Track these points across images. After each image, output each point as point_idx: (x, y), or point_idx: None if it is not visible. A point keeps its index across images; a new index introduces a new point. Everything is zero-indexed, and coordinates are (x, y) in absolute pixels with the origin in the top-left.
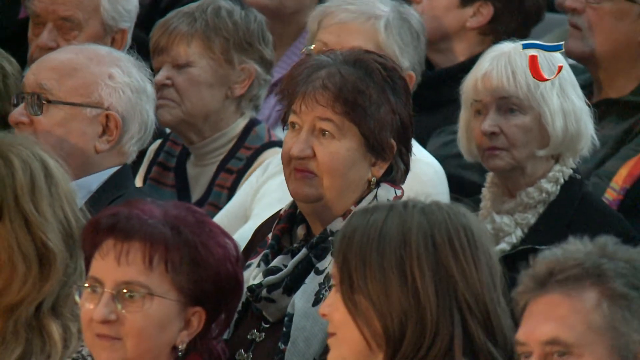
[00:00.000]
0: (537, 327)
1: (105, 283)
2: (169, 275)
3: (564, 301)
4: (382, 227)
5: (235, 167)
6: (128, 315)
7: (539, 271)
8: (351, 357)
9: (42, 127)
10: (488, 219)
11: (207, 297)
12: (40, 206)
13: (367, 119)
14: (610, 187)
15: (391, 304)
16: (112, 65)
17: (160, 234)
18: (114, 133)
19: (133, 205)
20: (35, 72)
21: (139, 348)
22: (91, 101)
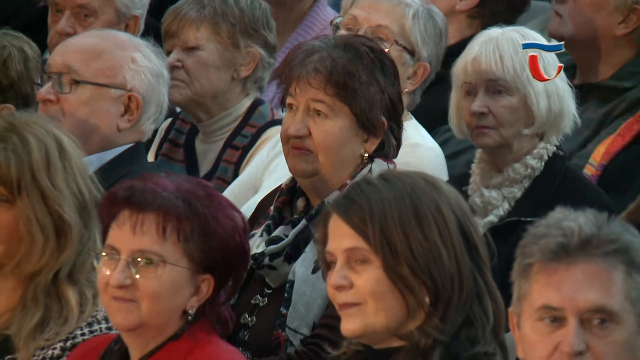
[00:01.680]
0: (579, 294)
1: (122, 251)
2: (180, 244)
3: (604, 271)
4: (413, 196)
5: (241, 143)
6: (142, 280)
7: (568, 240)
8: (386, 324)
9: (69, 105)
10: (477, 193)
11: (216, 266)
12: (56, 181)
13: (357, 99)
14: (589, 163)
15: (441, 268)
16: (134, 50)
17: (173, 206)
18: (135, 113)
19: (148, 179)
20: (61, 54)
21: (152, 310)
22: (116, 82)
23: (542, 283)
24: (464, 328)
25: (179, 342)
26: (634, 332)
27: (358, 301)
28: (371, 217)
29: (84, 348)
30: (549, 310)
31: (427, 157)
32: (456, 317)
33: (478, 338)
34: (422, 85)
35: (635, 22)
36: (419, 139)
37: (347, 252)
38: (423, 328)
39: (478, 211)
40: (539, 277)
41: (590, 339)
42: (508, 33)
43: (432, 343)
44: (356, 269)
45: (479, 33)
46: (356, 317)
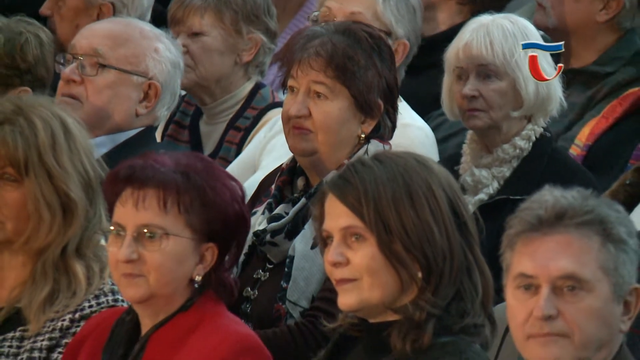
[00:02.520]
0: (552, 262)
1: (127, 227)
2: (182, 216)
3: (576, 241)
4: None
5: (243, 125)
6: (148, 254)
7: (546, 213)
8: (381, 299)
9: (93, 87)
10: (468, 172)
11: (218, 234)
12: (61, 160)
13: (356, 82)
14: (575, 144)
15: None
16: (157, 41)
17: (171, 180)
18: (153, 100)
19: (147, 157)
20: (88, 37)
21: (160, 282)
22: (139, 70)
23: (520, 253)
24: (455, 301)
25: (187, 313)
26: (607, 300)
27: (354, 277)
28: (366, 196)
29: (97, 319)
30: (524, 277)
31: (417, 136)
32: (447, 291)
33: (468, 310)
34: (405, 61)
35: (615, 8)
36: (409, 120)
37: (343, 230)
38: (416, 302)
39: (469, 189)
40: (519, 247)
41: (562, 304)
42: (498, 20)
43: (425, 316)
44: (352, 246)
45: (471, 20)
46: (352, 292)
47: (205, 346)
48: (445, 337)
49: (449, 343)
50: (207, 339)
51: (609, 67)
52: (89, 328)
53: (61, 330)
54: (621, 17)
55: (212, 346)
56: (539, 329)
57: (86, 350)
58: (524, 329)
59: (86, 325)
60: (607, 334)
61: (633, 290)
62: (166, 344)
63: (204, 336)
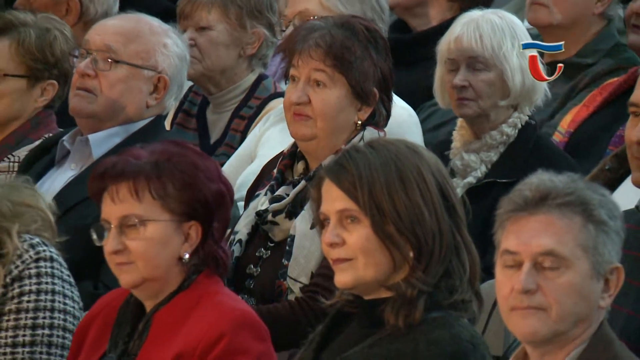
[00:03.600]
0: (533, 240)
1: (111, 221)
2: (157, 201)
3: (557, 221)
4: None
5: (247, 114)
6: (131, 243)
7: (532, 194)
8: (375, 277)
9: (107, 81)
10: (458, 156)
11: (198, 212)
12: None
13: (352, 71)
14: (558, 131)
15: (423, 226)
16: (165, 36)
17: (140, 170)
18: (162, 92)
19: (123, 153)
20: (101, 33)
21: (148, 266)
22: (149, 65)
23: (507, 231)
24: (444, 279)
25: (187, 292)
26: (586, 277)
27: (349, 257)
28: (360, 181)
29: (106, 300)
30: (508, 254)
31: (400, 115)
32: (437, 269)
33: (456, 287)
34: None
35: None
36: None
37: (339, 213)
38: (408, 280)
39: (459, 173)
40: (507, 226)
41: (542, 280)
42: (487, 15)
43: (417, 293)
44: (347, 228)
45: (461, 15)
46: (348, 271)
47: (205, 322)
48: (436, 313)
49: (438, 318)
50: (206, 316)
51: (590, 59)
52: (98, 308)
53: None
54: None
55: (212, 322)
56: (519, 302)
57: (95, 330)
58: (508, 302)
59: (95, 305)
60: (586, 308)
61: (614, 269)
62: (169, 321)
63: (204, 313)
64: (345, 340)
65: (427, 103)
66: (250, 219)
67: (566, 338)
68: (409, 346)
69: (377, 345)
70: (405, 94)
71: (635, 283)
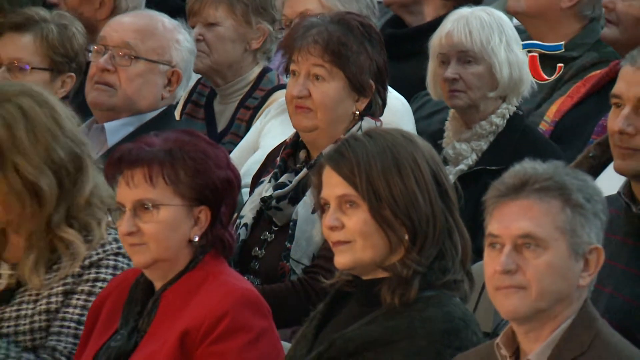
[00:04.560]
0: (513, 224)
1: (125, 204)
2: (169, 187)
3: (536, 205)
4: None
5: (252, 104)
6: (144, 225)
7: (513, 181)
8: (372, 259)
9: (126, 76)
10: (450, 145)
11: (207, 198)
12: (25, 154)
13: (349, 65)
14: (544, 120)
15: (417, 211)
16: (177, 32)
17: (154, 157)
18: (175, 85)
19: (138, 140)
20: (118, 31)
21: (159, 248)
22: (164, 59)
23: (492, 216)
24: (437, 260)
25: (194, 272)
26: (564, 257)
27: (348, 239)
28: (358, 168)
29: (117, 280)
30: (492, 237)
31: (394, 105)
32: (431, 251)
33: (449, 268)
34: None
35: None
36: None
37: (338, 198)
38: (404, 261)
39: (451, 161)
40: (492, 211)
41: (521, 260)
42: (476, 12)
43: (412, 273)
44: (346, 212)
45: (452, 12)
46: (347, 252)
47: (211, 301)
48: (429, 292)
49: (432, 297)
50: (212, 294)
51: (575, 52)
52: (110, 288)
53: (73, 276)
54: (582, 6)
55: (217, 300)
56: (501, 282)
57: (108, 307)
58: (492, 282)
59: (108, 286)
60: (565, 287)
61: (593, 250)
62: (176, 300)
63: (209, 292)
64: (345, 317)
65: (421, 93)
66: (256, 205)
67: (548, 315)
68: (404, 323)
69: (374, 322)
70: (400, 85)
71: (617, 265)
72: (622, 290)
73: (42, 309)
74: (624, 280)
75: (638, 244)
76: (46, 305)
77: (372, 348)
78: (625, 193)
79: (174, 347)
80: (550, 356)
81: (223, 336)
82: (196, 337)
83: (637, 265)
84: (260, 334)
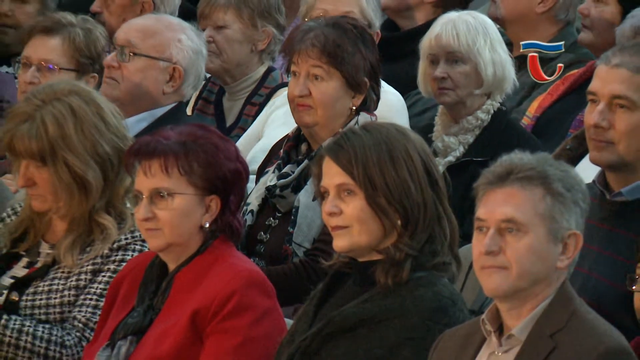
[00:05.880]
0: (497, 209)
1: (143, 192)
2: (183, 177)
3: (519, 192)
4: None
5: (258, 101)
6: (160, 212)
7: (500, 170)
8: (368, 243)
9: (127, 71)
10: (439, 139)
11: (218, 188)
12: (74, 149)
13: (345, 65)
14: (526, 115)
15: (410, 198)
16: (180, 32)
17: (170, 149)
18: (177, 81)
19: (155, 134)
20: (125, 31)
21: (173, 233)
22: (164, 57)
23: (480, 202)
24: (427, 244)
25: (204, 255)
26: (543, 241)
27: (346, 224)
28: (356, 159)
29: (135, 262)
30: (479, 221)
31: (391, 100)
32: (422, 236)
33: (438, 251)
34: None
35: (551, 1)
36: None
37: (337, 186)
38: (397, 245)
39: (440, 153)
40: (481, 197)
41: (503, 242)
42: (463, 16)
43: (404, 256)
44: (344, 199)
45: (441, 16)
46: (345, 237)
47: (220, 281)
48: (420, 273)
49: (422, 277)
50: (221, 275)
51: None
52: (128, 269)
53: (102, 257)
54: (557, 10)
55: (225, 281)
56: (485, 262)
57: (125, 287)
58: (478, 262)
59: (125, 267)
60: (543, 268)
61: (572, 235)
62: (188, 280)
63: (218, 273)
64: (342, 296)
65: (413, 92)
66: (261, 193)
67: (527, 294)
68: (397, 302)
69: (369, 301)
70: (394, 84)
71: (592, 247)
72: (596, 271)
73: (72, 285)
74: (599, 261)
75: (612, 228)
76: (76, 282)
77: (367, 324)
78: (599, 182)
79: (186, 324)
80: (531, 331)
81: (231, 314)
82: (206, 314)
83: (610, 248)
84: (266, 312)
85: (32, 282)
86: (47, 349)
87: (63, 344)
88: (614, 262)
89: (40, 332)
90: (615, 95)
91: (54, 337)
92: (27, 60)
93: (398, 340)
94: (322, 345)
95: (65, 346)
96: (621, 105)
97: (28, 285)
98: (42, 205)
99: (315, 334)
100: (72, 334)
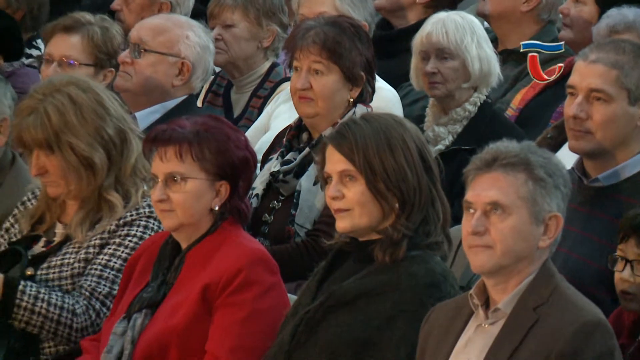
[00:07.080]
0: (483, 192)
1: (158, 176)
2: (196, 163)
3: (503, 177)
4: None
5: (263, 94)
6: (173, 195)
7: (487, 156)
8: (368, 224)
9: (139, 66)
10: (430, 128)
11: (227, 174)
12: (77, 134)
13: (344, 60)
14: (510, 107)
15: (406, 183)
16: (189, 29)
17: (184, 137)
18: (186, 75)
19: (170, 122)
20: (137, 29)
21: (185, 214)
22: (173, 52)
23: (469, 186)
24: (422, 225)
25: (213, 235)
26: (525, 222)
27: (348, 207)
28: (357, 147)
29: (150, 241)
30: (467, 203)
31: (387, 95)
32: (417, 217)
33: (431, 232)
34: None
35: (535, 1)
36: (381, 84)
37: (339, 172)
38: (394, 226)
39: (430, 142)
40: (470, 182)
41: (489, 224)
42: (452, 16)
43: (401, 236)
44: (346, 184)
45: (431, 16)
46: (346, 219)
47: (228, 258)
48: (415, 251)
49: (417, 255)
50: (229, 253)
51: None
52: (143, 248)
53: (109, 232)
54: (540, 10)
55: (233, 258)
56: (472, 241)
57: (141, 264)
58: (466, 241)
59: (141, 246)
60: (525, 247)
61: (553, 217)
62: (199, 258)
63: (226, 251)
64: (343, 273)
65: (405, 84)
66: (265, 178)
67: (511, 271)
68: (393, 277)
69: (367, 276)
70: (388, 78)
71: (572, 229)
72: (576, 251)
73: (82, 258)
74: (579, 242)
75: (589, 211)
76: (84, 255)
77: (365, 297)
78: (578, 168)
79: (197, 298)
80: (516, 305)
81: (238, 289)
82: (216, 289)
83: (588, 229)
84: (270, 287)
85: (47, 258)
86: (60, 315)
87: (74, 312)
88: (592, 242)
89: (54, 300)
90: (592, 88)
91: (66, 304)
92: (49, 56)
93: (393, 312)
94: (324, 316)
95: (76, 314)
96: (598, 98)
97: (43, 261)
98: (56, 190)
99: (318, 307)
100: (80, 302)
